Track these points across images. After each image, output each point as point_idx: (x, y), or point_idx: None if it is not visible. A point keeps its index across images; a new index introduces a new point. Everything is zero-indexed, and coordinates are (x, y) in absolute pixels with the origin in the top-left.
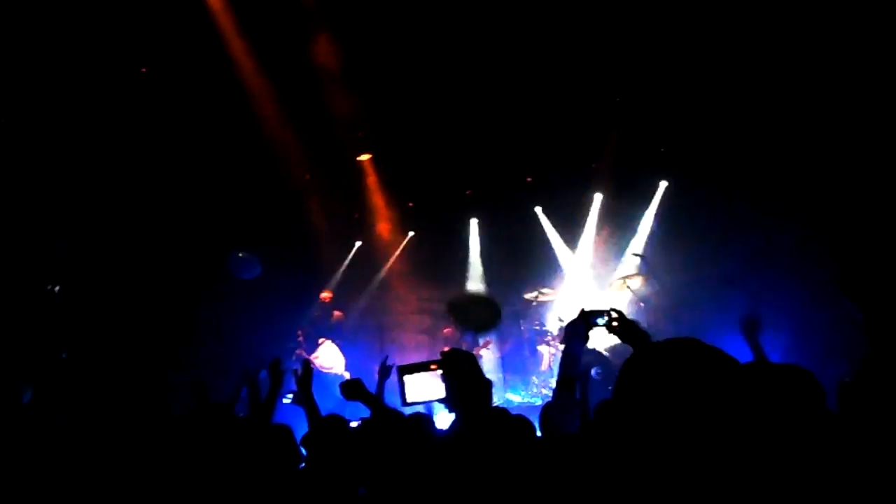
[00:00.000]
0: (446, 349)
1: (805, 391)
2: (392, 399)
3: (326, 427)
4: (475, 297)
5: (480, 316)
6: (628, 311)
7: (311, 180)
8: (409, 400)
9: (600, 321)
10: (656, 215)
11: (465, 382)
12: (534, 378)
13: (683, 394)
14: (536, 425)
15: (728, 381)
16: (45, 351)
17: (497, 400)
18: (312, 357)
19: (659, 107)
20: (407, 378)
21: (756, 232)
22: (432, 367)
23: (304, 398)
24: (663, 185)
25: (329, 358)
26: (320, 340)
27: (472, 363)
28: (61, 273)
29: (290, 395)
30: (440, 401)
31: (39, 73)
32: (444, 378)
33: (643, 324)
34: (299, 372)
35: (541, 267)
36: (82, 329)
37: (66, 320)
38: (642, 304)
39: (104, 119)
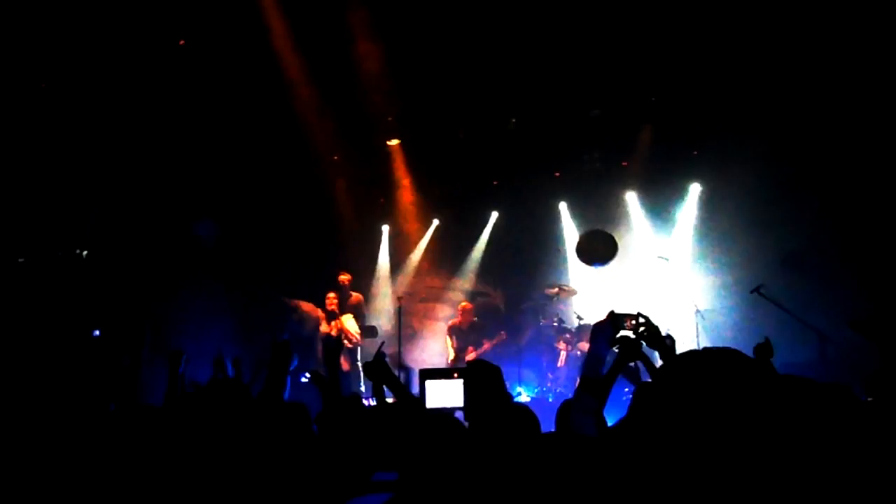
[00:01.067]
0: (471, 355)
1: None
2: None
3: (344, 406)
4: (595, 234)
5: (599, 249)
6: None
7: (338, 162)
8: (429, 405)
9: (628, 325)
10: (686, 217)
11: (486, 395)
12: (549, 374)
13: (717, 405)
14: (545, 421)
15: (764, 396)
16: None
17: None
18: (343, 321)
19: (694, 107)
20: (429, 383)
21: (791, 236)
22: (455, 375)
23: (329, 372)
24: (695, 187)
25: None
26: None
27: (496, 377)
28: (89, 239)
29: (308, 374)
30: (458, 409)
31: (80, 39)
32: (465, 387)
33: (668, 327)
34: (330, 343)
35: (563, 262)
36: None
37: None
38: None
39: (139, 90)
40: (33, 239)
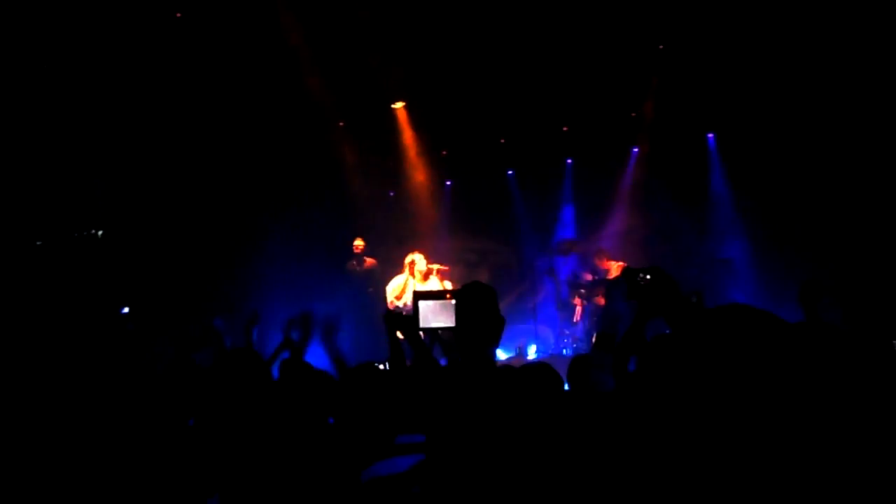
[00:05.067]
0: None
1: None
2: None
3: (357, 376)
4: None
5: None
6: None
7: (343, 128)
8: (421, 325)
9: (641, 281)
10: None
11: (476, 315)
12: (565, 330)
13: (736, 363)
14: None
15: (783, 354)
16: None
17: (529, 351)
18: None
19: (704, 53)
20: (422, 304)
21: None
22: (448, 296)
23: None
24: (710, 136)
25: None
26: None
27: (491, 297)
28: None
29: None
30: (450, 329)
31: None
32: (456, 307)
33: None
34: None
35: (577, 218)
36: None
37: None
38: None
39: (140, 63)
40: (46, 222)
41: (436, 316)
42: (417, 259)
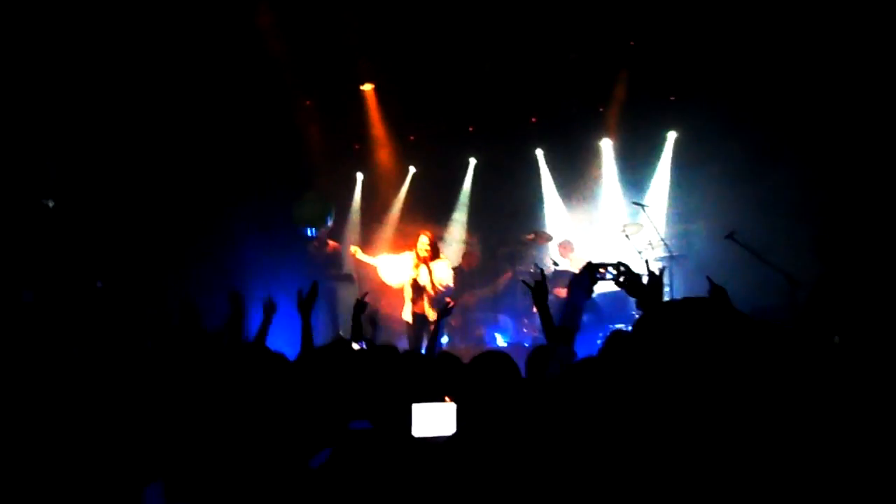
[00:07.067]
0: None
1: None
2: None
3: (324, 353)
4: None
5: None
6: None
7: (310, 108)
8: (415, 433)
9: (607, 275)
10: (662, 165)
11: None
12: (525, 320)
13: (696, 358)
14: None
15: (747, 350)
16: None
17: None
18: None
19: (672, 51)
20: (416, 408)
21: (764, 186)
22: (446, 398)
23: (302, 321)
24: (672, 135)
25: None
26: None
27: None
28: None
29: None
30: (450, 438)
31: None
32: (458, 417)
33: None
34: (304, 293)
35: (539, 209)
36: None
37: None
38: (640, 254)
39: (94, 38)
40: None
41: (432, 422)
42: (420, 242)
